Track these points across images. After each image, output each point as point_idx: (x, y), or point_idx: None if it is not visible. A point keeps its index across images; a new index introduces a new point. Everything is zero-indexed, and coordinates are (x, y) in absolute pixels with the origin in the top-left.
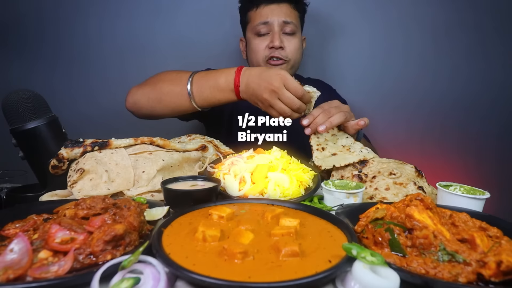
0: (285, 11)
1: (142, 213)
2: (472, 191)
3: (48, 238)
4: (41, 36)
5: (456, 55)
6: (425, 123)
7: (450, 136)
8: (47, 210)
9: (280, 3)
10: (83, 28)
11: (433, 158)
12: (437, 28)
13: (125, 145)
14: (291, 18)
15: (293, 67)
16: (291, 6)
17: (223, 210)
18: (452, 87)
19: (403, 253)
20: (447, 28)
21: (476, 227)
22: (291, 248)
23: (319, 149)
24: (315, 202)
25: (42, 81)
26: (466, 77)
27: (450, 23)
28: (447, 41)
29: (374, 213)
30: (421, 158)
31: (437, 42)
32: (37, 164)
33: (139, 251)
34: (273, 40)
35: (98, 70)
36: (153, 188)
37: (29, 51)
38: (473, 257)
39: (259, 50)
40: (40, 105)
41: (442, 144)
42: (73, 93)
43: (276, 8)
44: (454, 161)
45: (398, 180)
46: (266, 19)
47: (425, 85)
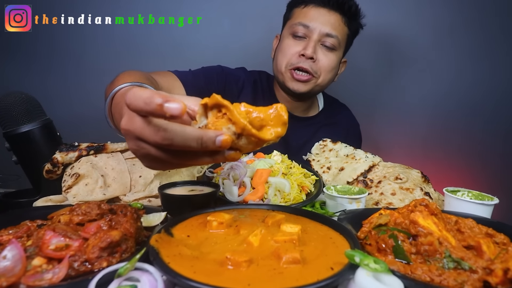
0: (333, 22)
1: (139, 219)
2: (480, 197)
3: (42, 244)
4: (35, 37)
5: (460, 56)
6: (428, 126)
7: (454, 140)
8: (41, 216)
9: (332, 10)
10: (78, 28)
11: (436, 162)
12: (440, 28)
13: (122, 149)
14: (337, 32)
15: (320, 86)
16: (343, 20)
17: (222, 216)
18: (456, 89)
19: (407, 260)
20: (450, 29)
21: (482, 234)
22: (292, 255)
23: (325, 170)
24: (317, 207)
25: (36, 83)
26: (470, 79)
27: (454, 24)
28: (451, 42)
29: (378, 219)
30: (424, 162)
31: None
32: (31, 168)
33: (135, 258)
34: (306, 47)
35: (94, 72)
36: (150, 193)
37: (22, 52)
38: (479, 264)
39: (288, 53)
40: (34, 108)
41: (446, 147)
42: (68, 95)
43: (325, 14)
44: (457, 166)
45: (404, 185)
46: (309, 22)
47: (428, 87)
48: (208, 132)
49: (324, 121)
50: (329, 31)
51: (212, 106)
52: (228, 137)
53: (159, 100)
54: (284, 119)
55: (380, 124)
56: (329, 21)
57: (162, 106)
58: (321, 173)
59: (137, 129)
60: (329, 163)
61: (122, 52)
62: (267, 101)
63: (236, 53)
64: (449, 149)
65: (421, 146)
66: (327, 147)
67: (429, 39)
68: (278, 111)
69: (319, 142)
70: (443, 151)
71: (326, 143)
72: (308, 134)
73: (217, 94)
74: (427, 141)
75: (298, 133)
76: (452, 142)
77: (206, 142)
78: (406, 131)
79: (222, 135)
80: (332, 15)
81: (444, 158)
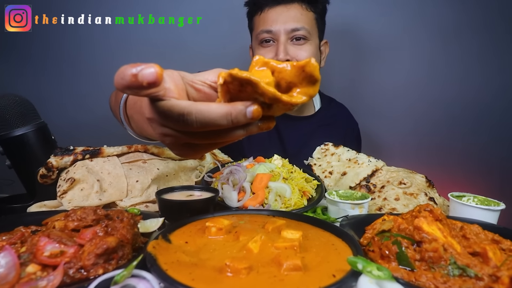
0: (294, 15)
1: (136, 225)
2: (486, 202)
3: (36, 251)
4: (29, 38)
5: (466, 58)
6: (433, 129)
7: (459, 143)
8: (36, 222)
9: (288, 4)
10: (75, 29)
11: (441, 166)
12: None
13: (118, 153)
14: (302, 23)
15: None
16: (303, 7)
17: (221, 222)
18: (462, 91)
19: (411, 267)
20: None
21: (488, 240)
22: (293, 262)
23: (326, 175)
24: (318, 213)
25: (30, 85)
26: (477, 81)
27: (459, 25)
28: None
29: (381, 225)
30: (429, 166)
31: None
32: (25, 173)
33: (132, 265)
34: (277, 52)
35: (90, 74)
36: (147, 198)
37: (16, 54)
38: (485, 271)
39: None
40: (28, 110)
41: (451, 151)
42: (63, 98)
43: (283, 11)
44: (463, 170)
45: (408, 190)
46: (270, 27)
47: (433, 89)
48: (236, 106)
49: (322, 121)
50: (293, 27)
51: (232, 83)
52: (258, 107)
53: (133, 70)
54: (314, 77)
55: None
56: (290, 16)
57: (137, 76)
58: (322, 178)
59: (160, 117)
60: (331, 167)
61: (119, 53)
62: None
63: (235, 53)
64: (454, 153)
65: (425, 150)
66: (328, 151)
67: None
68: (306, 68)
69: (321, 146)
70: (448, 155)
71: (328, 147)
72: (305, 134)
73: (234, 69)
74: (431, 145)
75: (295, 133)
76: (457, 146)
77: (236, 117)
78: (409, 135)
79: (252, 106)
80: (290, 8)
81: (449, 163)
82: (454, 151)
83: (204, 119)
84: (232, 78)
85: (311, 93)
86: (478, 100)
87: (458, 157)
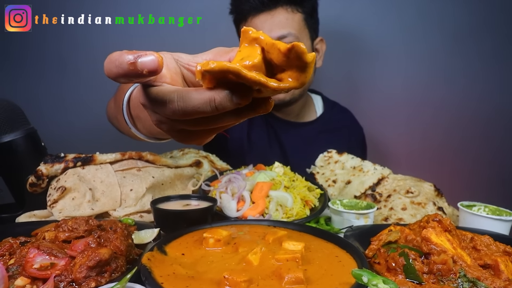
0: (278, 21)
1: (130, 236)
2: (498, 212)
3: (25, 263)
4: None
5: (478, 59)
6: (443, 134)
7: (469, 151)
8: (25, 233)
9: (272, 10)
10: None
11: (450, 174)
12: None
13: (111, 161)
14: (289, 28)
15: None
16: (288, 10)
17: (219, 232)
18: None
19: (419, 280)
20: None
21: (500, 252)
22: (295, 275)
23: (330, 184)
24: (321, 223)
25: (19, 90)
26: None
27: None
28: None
29: (387, 236)
30: (438, 173)
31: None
32: (13, 181)
33: (126, 278)
34: None
35: (82, 77)
36: (142, 208)
37: (3, 56)
38: (496, 285)
39: None
40: (16, 116)
41: (461, 158)
42: (54, 102)
43: (267, 18)
44: (474, 178)
45: (416, 199)
46: None
47: (440, 91)
48: (220, 91)
49: (324, 126)
50: (279, 34)
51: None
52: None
53: (130, 57)
54: (304, 61)
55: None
56: (274, 24)
57: (135, 64)
58: (326, 187)
59: (150, 103)
60: (334, 176)
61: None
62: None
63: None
64: (465, 160)
65: (435, 156)
66: (332, 158)
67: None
68: (295, 52)
69: (324, 153)
70: (459, 162)
71: (331, 154)
72: (307, 141)
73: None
74: (441, 150)
75: (296, 140)
76: (469, 152)
77: (221, 103)
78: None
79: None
80: (275, 14)
81: (459, 170)
82: (465, 158)
83: (186, 107)
84: (208, 73)
85: (302, 80)
86: (491, 103)
87: (469, 164)
